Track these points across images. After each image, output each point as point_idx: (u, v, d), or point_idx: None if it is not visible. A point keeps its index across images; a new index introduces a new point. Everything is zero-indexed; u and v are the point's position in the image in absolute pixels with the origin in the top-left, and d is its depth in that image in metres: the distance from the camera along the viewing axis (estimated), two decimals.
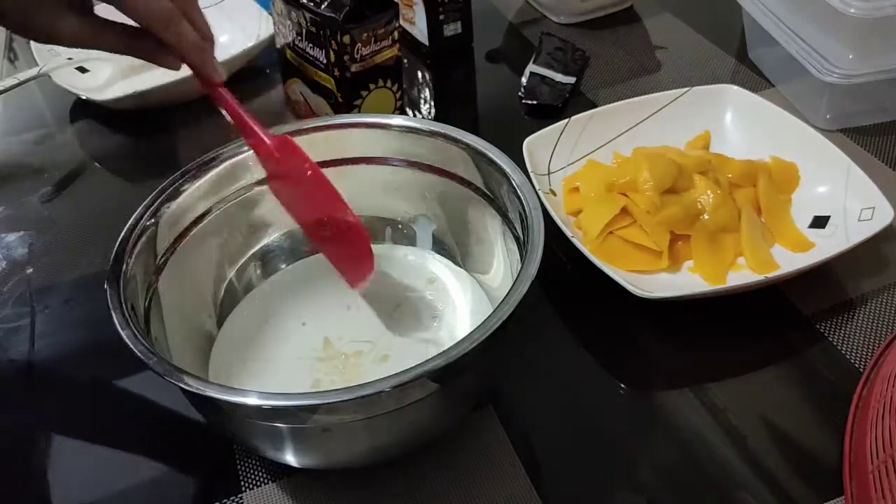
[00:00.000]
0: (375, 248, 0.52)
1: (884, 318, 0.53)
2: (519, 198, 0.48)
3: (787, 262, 0.55)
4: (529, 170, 0.60)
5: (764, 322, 0.54)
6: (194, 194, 0.51)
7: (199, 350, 0.51)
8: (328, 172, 0.50)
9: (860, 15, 0.60)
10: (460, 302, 0.54)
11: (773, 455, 0.46)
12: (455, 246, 0.56)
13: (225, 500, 0.46)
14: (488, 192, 0.52)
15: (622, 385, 0.51)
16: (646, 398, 0.50)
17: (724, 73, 0.79)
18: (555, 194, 0.61)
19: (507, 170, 0.49)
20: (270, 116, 0.77)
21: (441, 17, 0.81)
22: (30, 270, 0.64)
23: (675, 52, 0.83)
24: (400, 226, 0.58)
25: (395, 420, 0.40)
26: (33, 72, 0.76)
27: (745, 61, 0.79)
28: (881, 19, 0.60)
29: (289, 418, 0.39)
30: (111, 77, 0.84)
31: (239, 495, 0.47)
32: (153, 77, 0.82)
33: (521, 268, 0.43)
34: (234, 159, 0.53)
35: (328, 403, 0.37)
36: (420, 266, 0.56)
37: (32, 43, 0.84)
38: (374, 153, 0.55)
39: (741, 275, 0.55)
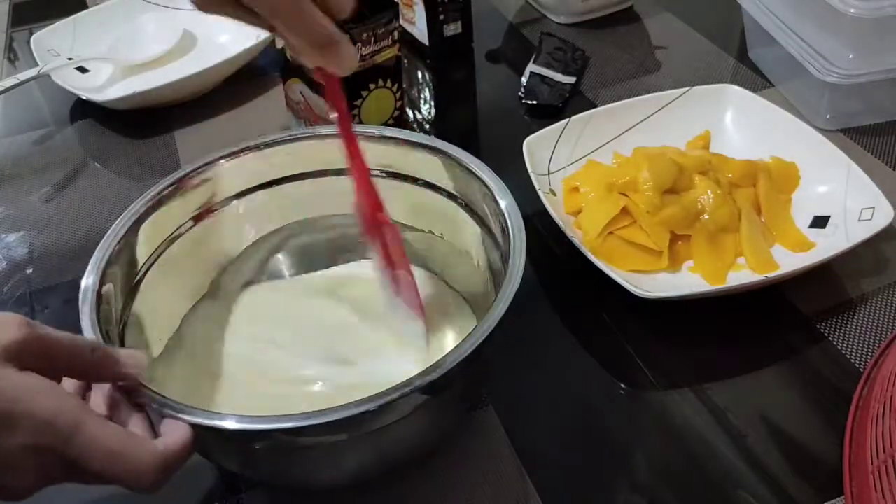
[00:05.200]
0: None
1: (884, 317, 0.53)
2: (501, 212, 0.47)
3: (787, 262, 0.55)
4: (529, 170, 0.60)
5: (764, 322, 0.54)
6: (166, 213, 0.50)
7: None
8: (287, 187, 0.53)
9: (860, 15, 0.60)
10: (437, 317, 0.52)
11: (773, 455, 0.46)
12: (434, 257, 0.55)
13: (225, 501, 0.46)
14: (469, 205, 0.51)
15: (622, 385, 0.51)
16: (646, 398, 0.50)
17: (724, 73, 0.79)
18: (555, 194, 0.61)
19: (489, 182, 0.48)
20: (271, 116, 0.77)
21: (441, 17, 0.81)
22: (30, 270, 0.64)
23: (675, 52, 0.83)
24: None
25: (373, 441, 0.39)
26: (33, 72, 0.76)
27: (745, 61, 0.79)
28: (881, 19, 0.60)
29: (264, 441, 0.38)
30: (111, 77, 0.84)
31: (239, 495, 0.47)
32: (153, 77, 0.83)
33: (498, 294, 0.41)
34: (203, 175, 0.52)
35: (296, 427, 0.36)
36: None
37: (32, 43, 0.84)
38: (340, 164, 0.54)
39: (741, 275, 0.55)
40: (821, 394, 0.49)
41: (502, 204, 0.47)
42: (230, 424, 0.36)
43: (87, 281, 0.44)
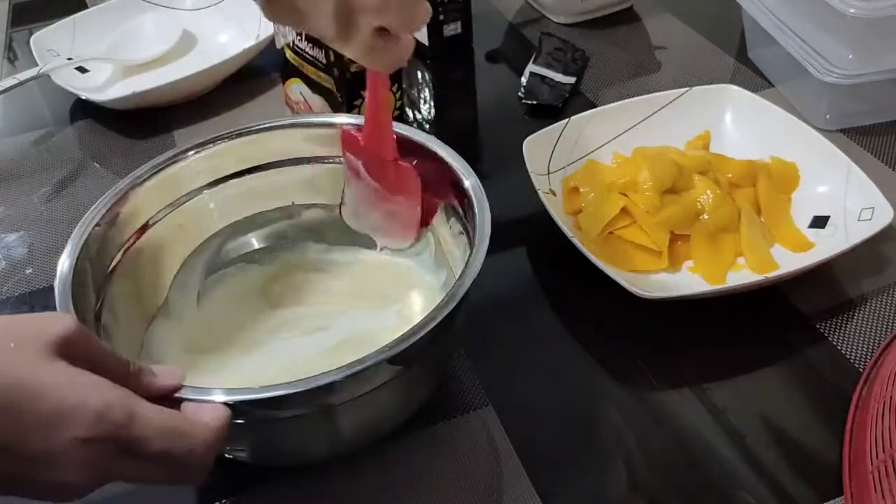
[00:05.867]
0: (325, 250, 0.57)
1: (884, 318, 0.53)
2: (466, 191, 0.48)
3: (787, 262, 0.55)
4: (529, 170, 0.60)
5: (764, 322, 0.54)
6: (143, 199, 0.51)
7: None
8: (259, 176, 0.55)
9: (860, 15, 0.60)
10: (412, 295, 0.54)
11: (773, 455, 0.46)
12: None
13: (225, 500, 0.46)
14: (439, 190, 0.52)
15: (622, 385, 0.51)
16: (646, 398, 0.50)
17: (724, 73, 0.79)
18: (555, 194, 0.61)
19: (453, 164, 0.49)
20: (270, 116, 0.77)
21: (441, 17, 0.81)
22: (29, 270, 0.64)
23: (675, 52, 0.83)
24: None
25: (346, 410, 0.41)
26: (33, 72, 0.76)
27: (745, 61, 0.79)
28: (881, 19, 0.60)
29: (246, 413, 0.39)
30: (111, 77, 0.84)
31: (239, 495, 0.47)
32: (153, 77, 0.83)
33: (468, 259, 0.43)
34: (180, 163, 0.53)
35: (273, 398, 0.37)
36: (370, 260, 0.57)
37: (32, 43, 0.84)
38: (307, 153, 0.56)
39: (741, 275, 0.55)
40: (821, 394, 0.49)
41: (467, 183, 0.48)
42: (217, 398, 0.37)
43: (63, 265, 0.44)
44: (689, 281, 0.56)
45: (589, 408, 0.50)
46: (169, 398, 0.36)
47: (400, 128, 0.53)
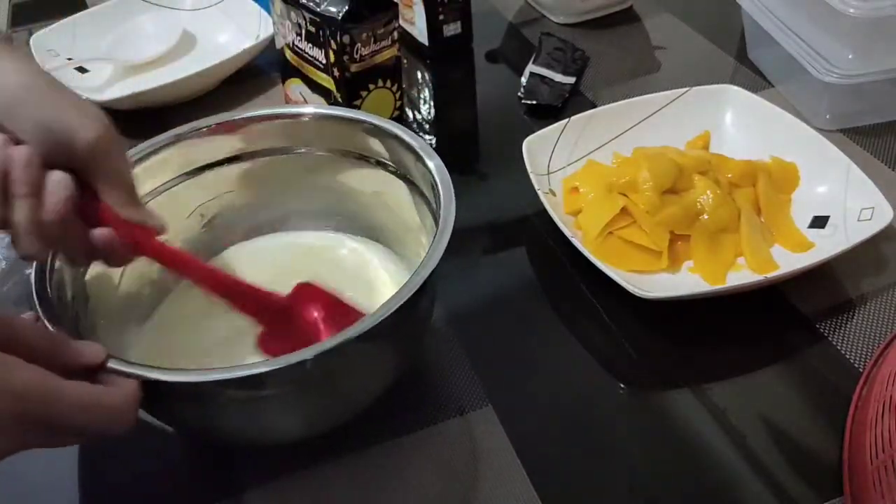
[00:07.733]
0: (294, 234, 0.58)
1: (883, 318, 0.53)
2: (428, 171, 0.48)
3: (787, 262, 0.55)
4: (529, 170, 0.60)
5: (764, 322, 0.54)
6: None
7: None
8: (235, 168, 0.56)
9: (860, 15, 0.60)
10: (382, 280, 0.55)
11: (773, 455, 0.46)
12: (378, 227, 0.57)
13: (224, 501, 0.46)
14: (401, 171, 0.53)
15: (622, 385, 0.51)
16: (646, 398, 0.50)
17: (724, 73, 0.79)
18: (555, 194, 0.61)
19: (415, 145, 0.50)
20: None
21: (441, 17, 0.81)
22: (29, 270, 0.64)
23: (675, 52, 0.83)
24: (324, 212, 0.59)
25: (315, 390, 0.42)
26: None
27: (745, 61, 0.79)
28: (881, 19, 0.60)
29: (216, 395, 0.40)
30: (111, 77, 0.84)
31: (238, 496, 0.47)
32: (153, 77, 0.83)
33: (434, 240, 0.44)
34: (159, 154, 0.54)
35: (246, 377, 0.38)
36: (339, 248, 0.58)
37: (32, 43, 0.84)
38: (279, 143, 0.56)
39: (741, 275, 0.55)
40: (821, 394, 0.49)
41: (431, 165, 0.48)
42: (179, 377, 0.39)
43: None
44: (689, 281, 0.56)
45: (589, 407, 0.50)
46: (93, 370, 0.38)
47: (356, 114, 0.54)
